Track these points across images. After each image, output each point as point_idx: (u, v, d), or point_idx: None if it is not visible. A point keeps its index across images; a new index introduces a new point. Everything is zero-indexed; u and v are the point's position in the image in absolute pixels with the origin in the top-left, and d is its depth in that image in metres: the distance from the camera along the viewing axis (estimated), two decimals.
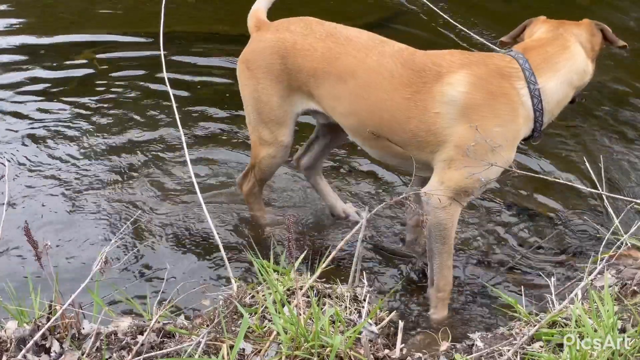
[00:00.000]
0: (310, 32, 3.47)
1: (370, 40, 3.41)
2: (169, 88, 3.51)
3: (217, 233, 3.04)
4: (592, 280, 2.67)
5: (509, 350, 2.51)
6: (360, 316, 2.75)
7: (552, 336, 2.52)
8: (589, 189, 3.29)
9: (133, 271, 3.74)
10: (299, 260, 2.86)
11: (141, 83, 5.46)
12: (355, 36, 3.43)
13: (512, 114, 3.13)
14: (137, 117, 5.07)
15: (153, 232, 4.04)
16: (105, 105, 5.19)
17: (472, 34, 5.09)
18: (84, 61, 5.76)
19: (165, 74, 3.54)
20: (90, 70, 5.65)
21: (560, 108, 3.27)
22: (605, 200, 3.16)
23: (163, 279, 3.06)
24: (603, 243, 3.02)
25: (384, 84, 3.26)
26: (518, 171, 2.95)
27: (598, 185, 3.15)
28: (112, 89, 5.40)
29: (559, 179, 3.34)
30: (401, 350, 2.63)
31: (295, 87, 3.52)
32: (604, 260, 2.75)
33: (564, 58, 3.20)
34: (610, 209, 3.20)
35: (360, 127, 3.41)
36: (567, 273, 3.67)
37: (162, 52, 3.64)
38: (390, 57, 3.30)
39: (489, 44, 4.48)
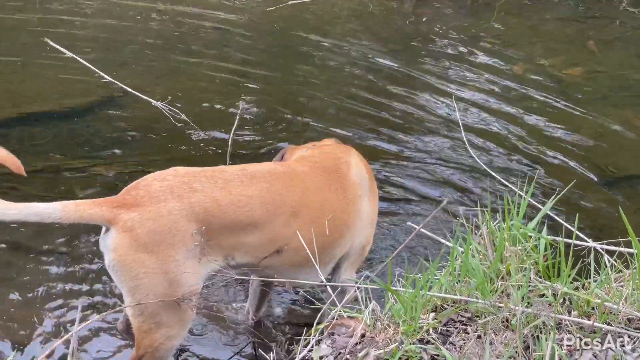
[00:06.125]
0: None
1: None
2: None
3: None
4: (304, 355, 2.79)
5: None
6: None
7: None
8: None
9: None
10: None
11: None
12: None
13: None
14: None
15: None
16: None
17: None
18: None
19: None
20: None
21: None
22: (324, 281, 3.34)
23: None
24: (322, 313, 3.18)
25: None
26: None
27: (316, 263, 3.31)
28: None
29: None
30: None
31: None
32: (317, 333, 2.89)
33: None
34: (328, 286, 3.35)
35: None
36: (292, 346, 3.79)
37: None
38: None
39: None
